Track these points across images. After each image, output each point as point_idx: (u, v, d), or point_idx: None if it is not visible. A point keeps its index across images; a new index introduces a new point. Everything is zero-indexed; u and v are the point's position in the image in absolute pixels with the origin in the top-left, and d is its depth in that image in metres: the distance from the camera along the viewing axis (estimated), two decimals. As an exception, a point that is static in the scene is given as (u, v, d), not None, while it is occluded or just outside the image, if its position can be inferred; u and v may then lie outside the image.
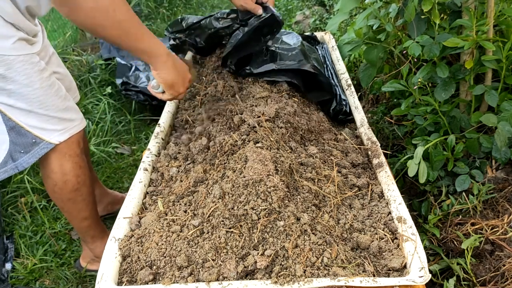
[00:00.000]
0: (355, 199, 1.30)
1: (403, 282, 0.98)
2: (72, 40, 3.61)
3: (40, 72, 1.33)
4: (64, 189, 1.52)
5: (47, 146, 1.41)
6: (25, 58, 1.29)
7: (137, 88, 2.79)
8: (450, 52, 1.57)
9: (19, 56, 1.26)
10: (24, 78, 1.29)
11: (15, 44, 1.25)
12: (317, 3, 4.36)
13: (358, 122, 1.67)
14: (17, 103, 1.32)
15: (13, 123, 1.34)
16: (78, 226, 1.69)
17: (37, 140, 1.39)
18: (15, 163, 1.41)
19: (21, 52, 1.27)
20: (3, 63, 1.24)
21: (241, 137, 1.33)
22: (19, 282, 1.84)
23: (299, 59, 1.69)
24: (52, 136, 1.41)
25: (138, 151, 2.62)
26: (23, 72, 1.28)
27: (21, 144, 1.38)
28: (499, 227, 1.41)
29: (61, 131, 1.43)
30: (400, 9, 1.71)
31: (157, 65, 1.31)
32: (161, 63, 1.31)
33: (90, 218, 1.66)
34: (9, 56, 1.24)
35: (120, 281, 1.10)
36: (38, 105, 1.34)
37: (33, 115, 1.35)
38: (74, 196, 1.56)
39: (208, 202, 1.16)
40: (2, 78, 1.26)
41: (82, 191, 1.56)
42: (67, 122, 1.44)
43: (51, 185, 1.53)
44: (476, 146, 1.57)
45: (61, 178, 1.50)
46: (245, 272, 1.02)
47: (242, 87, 1.72)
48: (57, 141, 1.42)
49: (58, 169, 1.48)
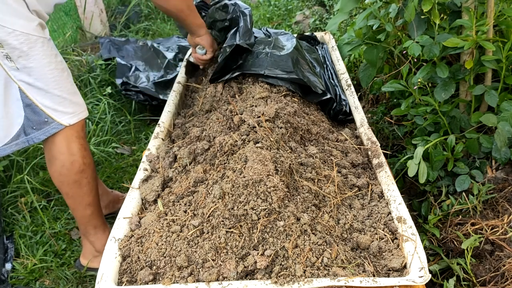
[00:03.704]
0: (355, 199, 1.31)
1: (403, 282, 0.98)
2: (72, 40, 3.60)
3: (55, 56, 1.50)
4: (71, 169, 1.59)
5: (57, 127, 1.53)
6: (44, 40, 1.45)
7: (137, 88, 2.79)
8: (450, 52, 1.57)
9: (39, 37, 1.42)
10: (43, 57, 1.44)
11: (37, 27, 1.42)
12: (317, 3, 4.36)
13: (358, 122, 1.67)
14: (36, 82, 1.44)
15: (29, 101, 1.47)
16: (81, 215, 1.71)
17: (49, 119, 1.51)
18: (27, 137, 1.52)
19: (41, 34, 1.44)
20: (28, 41, 1.39)
21: (241, 137, 1.33)
22: (19, 282, 1.84)
23: (289, 70, 1.68)
24: (63, 118, 1.53)
25: (138, 151, 2.62)
26: (42, 52, 1.43)
27: (34, 121, 1.50)
28: (499, 227, 1.41)
29: (71, 114, 1.54)
30: (400, 9, 1.71)
31: (203, 31, 1.82)
32: (205, 28, 1.83)
33: (94, 205, 1.71)
34: (33, 35, 1.40)
35: (120, 281, 1.10)
36: (54, 85, 1.47)
37: (49, 95, 1.48)
38: (80, 178, 1.62)
39: (208, 202, 1.16)
40: (26, 56, 1.40)
41: (87, 173, 1.63)
42: (76, 106, 1.56)
43: (59, 167, 1.59)
44: (476, 146, 1.57)
45: (68, 159, 1.58)
46: (245, 272, 1.02)
47: (242, 87, 1.72)
48: (67, 123, 1.54)
49: (66, 149, 1.57)
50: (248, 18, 1.80)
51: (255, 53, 1.76)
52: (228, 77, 1.75)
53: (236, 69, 1.74)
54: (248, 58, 1.75)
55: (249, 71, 1.71)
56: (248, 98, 1.61)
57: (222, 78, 1.76)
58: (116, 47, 3.19)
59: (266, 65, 1.69)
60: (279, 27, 4.32)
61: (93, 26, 3.92)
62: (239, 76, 1.75)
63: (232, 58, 1.73)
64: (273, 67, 1.69)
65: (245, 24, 1.77)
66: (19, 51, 1.39)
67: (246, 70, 1.72)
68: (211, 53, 1.91)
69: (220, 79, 1.77)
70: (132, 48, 3.21)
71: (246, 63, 1.74)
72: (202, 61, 1.96)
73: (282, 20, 4.52)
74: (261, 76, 1.69)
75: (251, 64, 1.73)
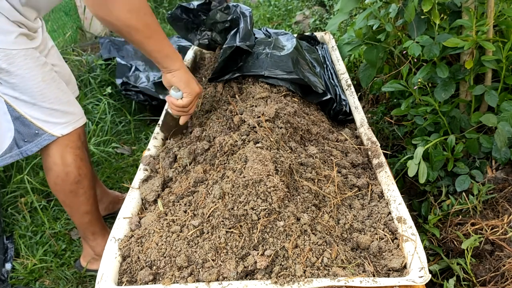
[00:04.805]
0: (355, 199, 1.30)
1: (403, 282, 0.98)
2: (72, 40, 3.61)
3: (41, 66, 1.39)
4: (66, 180, 1.56)
5: (49, 138, 1.47)
6: (27, 52, 1.34)
7: (137, 88, 2.80)
8: (450, 52, 1.57)
9: (20, 50, 1.32)
10: (26, 72, 1.34)
11: (17, 39, 1.31)
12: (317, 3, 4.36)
13: (358, 122, 1.67)
14: (21, 96, 1.37)
15: (18, 114, 1.40)
16: (79, 222, 1.70)
17: (40, 131, 1.44)
18: (20, 150, 1.47)
19: (22, 46, 1.33)
20: (6, 57, 1.29)
21: (241, 137, 1.33)
22: (19, 282, 1.84)
23: (289, 70, 1.68)
24: (55, 129, 1.47)
25: (138, 151, 2.62)
26: (25, 66, 1.33)
27: (25, 134, 1.44)
28: (499, 227, 1.41)
29: (64, 124, 1.48)
30: (400, 9, 1.71)
31: (175, 65, 1.36)
32: (179, 62, 1.37)
33: (91, 213, 1.68)
34: (12, 50, 1.30)
35: (120, 281, 1.10)
36: (41, 98, 1.39)
37: (37, 107, 1.40)
38: (75, 189, 1.59)
39: (208, 202, 1.16)
40: (6, 72, 1.31)
41: (83, 183, 1.59)
42: (69, 116, 1.49)
43: (54, 177, 1.56)
44: (476, 146, 1.57)
45: (63, 170, 1.54)
46: (245, 272, 1.02)
47: (242, 87, 1.72)
48: (59, 134, 1.48)
49: (60, 160, 1.53)
50: (249, 19, 1.80)
51: (255, 54, 1.76)
52: (227, 77, 1.75)
53: (236, 70, 1.74)
54: (248, 59, 1.75)
55: (249, 73, 1.71)
56: (248, 98, 1.61)
57: (222, 78, 1.76)
58: (116, 47, 3.19)
59: (266, 66, 1.69)
60: (279, 27, 4.32)
61: (93, 26, 3.92)
62: (239, 76, 1.75)
63: (232, 59, 1.72)
64: (273, 68, 1.69)
65: (246, 25, 1.77)
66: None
67: (246, 71, 1.71)
68: (189, 97, 1.42)
69: (219, 79, 1.77)
70: (132, 48, 3.21)
71: (246, 64, 1.74)
72: (177, 108, 1.46)
73: (282, 20, 4.52)
74: (261, 76, 1.69)
75: (251, 65, 1.72)
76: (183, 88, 1.40)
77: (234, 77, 1.74)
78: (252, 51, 1.75)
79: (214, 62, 1.98)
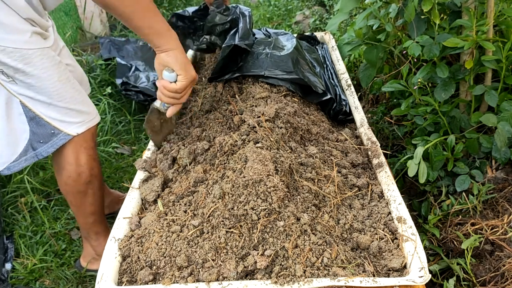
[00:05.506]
0: (355, 199, 1.30)
1: (403, 282, 0.98)
2: (72, 40, 3.61)
3: (57, 65, 1.37)
4: (78, 181, 1.55)
5: (65, 137, 1.45)
6: (43, 52, 1.32)
7: (137, 88, 2.80)
8: (450, 52, 1.57)
9: (36, 50, 1.29)
10: (42, 72, 1.32)
11: (31, 38, 1.28)
12: (317, 3, 4.36)
13: (358, 122, 1.67)
14: (37, 96, 1.35)
15: (33, 114, 1.39)
16: (84, 222, 1.70)
17: (55, 131, 1.43)
18: (35, 152, 1.45)
19: (37, 46, 1.30)
20: (22, 58, 1.27)
21: (241, 137, 1.33)
22: (19, 282, 1.84)
23: (289, 70, 1.68)
24: (71, 128, 1.45)
25: (138, 151, 2.62)
26: (41, 66, 1.31)
27: (40, 134, 1.43)
28: (499, 227, 1.41)
29: (79, 123, 1.47)
30: (400, 9, 1.71)
31: (170, 43, 1.24)
32: (174, 41, 1.25)
33: (97, 213, 1.68)
34: (28, 50, 1.27)
35: (120, 281, 1.10)
36: (58, 97, 1.38)
37: (53, 107, 1.39)
38: (85, 189, 1.58)
39: (208, 202, 1.16)
40: (22, 72, 1.29)
41: (94, 184, 1.59)
42: (84, 115, 1.48)
43: (65, 177, 1.55)
44: (476, 146, 1.57)
45: (75, 170, 1.53)
46: (245, 272, 1.02)
47: (242, 87, 1.72)
48: (75, 133, 1.47)
49: (74, 160, 1.52)
50: (248, 19, 1.80)
51: (255, 54, 1.76)
52: (227, 77, 1.75)
53: (236, 70, 1.74)
54: (248, 59, 1.75)
55: (249, 73, 1.71)
56: (248, 98, 1.61)
57: (221, 78, 1.76)
58: (116, 47, 3.19)
59: (266, 66, 1.69)
60: (279, 27, 4.33)
61: (93, 26, 3.92)
62: (239, 76, 1.75)
63: (232, 58, 1.72)
64: (273, 68, 1.69)
65: (245, 25, 1.77)
66: (13, 69, 1.28)
67: (246, 72, 1.71)
68: (183, 81, 1.28)
69: (219, 79, 1.77)
70: (132, 48, 3.21)
71: (246, 64, 1.74)
72: (169, 93, 1.31)
73: (282, 20, 4.52)
74: (261, 76, 1.69)
75: (251, 65, 1.72)
76: (179, 69, 1.27)
77: (234, 77, 1.74)
78: (251, 50, 1.75)
79: (214, 62, 1.97)
